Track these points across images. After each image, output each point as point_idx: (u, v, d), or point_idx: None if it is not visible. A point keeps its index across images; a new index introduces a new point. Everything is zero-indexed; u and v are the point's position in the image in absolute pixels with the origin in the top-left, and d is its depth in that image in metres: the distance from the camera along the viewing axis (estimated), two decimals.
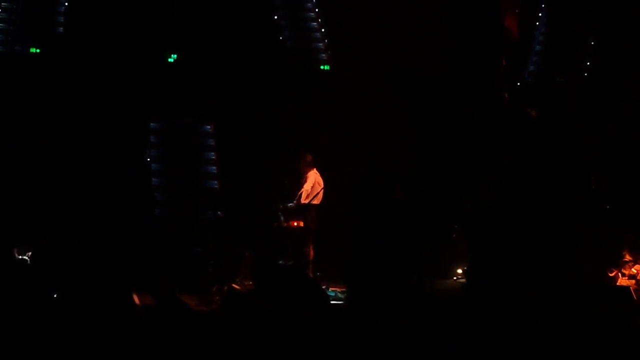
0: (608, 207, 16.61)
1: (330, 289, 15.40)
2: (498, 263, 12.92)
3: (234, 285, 14.46)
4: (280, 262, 16.38)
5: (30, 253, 15.62)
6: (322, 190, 16.71)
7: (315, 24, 21.65)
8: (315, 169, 16.98)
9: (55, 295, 13.23)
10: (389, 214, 13.81)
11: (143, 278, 14.80)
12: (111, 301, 12.76)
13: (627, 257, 15.19)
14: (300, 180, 16.96)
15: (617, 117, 19.96)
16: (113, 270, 14.35)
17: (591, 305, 12.84)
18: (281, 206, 16.91)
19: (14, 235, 16.11)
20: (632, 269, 15.11)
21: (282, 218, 16.83)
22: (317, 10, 21.84)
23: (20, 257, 15.49)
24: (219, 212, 16.57)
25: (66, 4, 20.49)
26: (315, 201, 16.72)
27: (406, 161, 14.24)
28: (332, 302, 14.25)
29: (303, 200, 16.64)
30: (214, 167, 19.71)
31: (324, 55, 21.40)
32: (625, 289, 14.04)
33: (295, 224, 16.59)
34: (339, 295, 15.12)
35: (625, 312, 13.07)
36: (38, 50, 19.77)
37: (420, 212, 13.52)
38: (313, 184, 16.77)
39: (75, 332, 10.96)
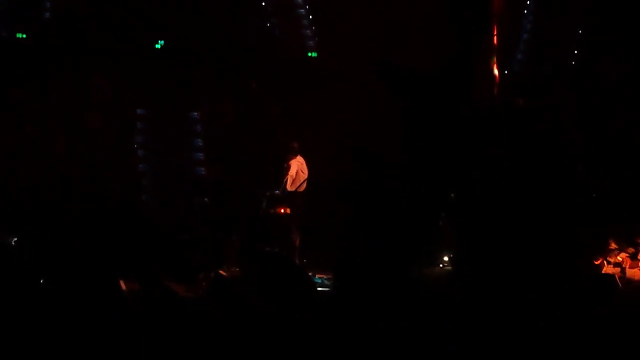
0: (594, 195, 16.65)
1: (317, 276, 15.41)
2: (483, 251, 12.95)
3: (220, 271, 14.46)
4: (267, 249, 16.38)
5: (15, 239, 15.57)
6: (306, 180, 16.74)
7: (302, 10, 21.64)
8: (300, 157, 16.98)
9: (41, 281, 13.20)
10: (376, 203, 13.81)
11: (130, 264, 14.77)
12: (98, 288, 12.73)
13: (613, 246, 15.24)
14: (284, 167, 16.97)
15: (604, 107, 20.02)
16: (100, 257, 14.32)
17: (577, 293, 12.88)
18: (267, 193, 16.91)
19: None
20: (618, 257, 15.16)
21: (267, 205, 16.82)
22: None
23: (5, 243, 15.44)
24: (205, 199, 16.56)
25: None
26: (301, 189, 16.74)
27: (395, 150, 14.25)
28: (318, 289, 14.26)
29: (288, 188, 16.66)
30: (201, 154, 19.71)
31: (311, 42, 21.40)
32: (611, 276, 14.09)
33: (282, 211, 16.60)
34: (325, 282, 15.14)
35: (610, 300, 13.12)
36: (24, 36, 19.70)
37: (407, 201, 13.53)
38: (297, 171, 16.78)
39: (62, 318, 10.94)
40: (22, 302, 11.59)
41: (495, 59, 13.45)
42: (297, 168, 16.81)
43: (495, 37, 13.40)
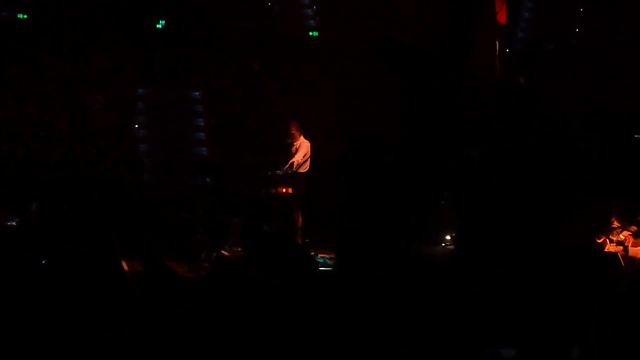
0: (597, 174, 16.62)
1: (319, 255, 15.41)
2: (486, 230, 12.93)
3: (222, 251, 14.45)
4: (269, 228, 16.37)
5: (17, 219, 15.57)
6: (309, 159, 16.69)
7: None
8: (303, 137, 16.91)
9: (43, 262, 13.21)
10: (377, 180, 13.79)
11: (132, 244, 14.79)
12: (100, 267, 12.74)
13: (615, 224, 15.18)
14: (290, 147, 16.88)
15: (606, 84, 20.00)
16: (102, 237, 14.33)
17: (579, 272, 12.87)
18: (269, 173, 16.86)
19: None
20: (620, 236, 15.10)
21: (269, 185, 16.77)
22: None
23: (7, 223, 15.46)
24: (207, 179, 16.52)
25: None
26: (303, 169, 16.68)
27: (395, 128, 14.23)
28: (320, 268, 14.25)
29: (294, 169, 16.61)
30: (202, 134, 19.70)
31: (312, 21, 21.37)
32: (613, 255, 14.06)
33: (284, 190, 16.55)
34: (328, 261, 15.13)
35: (613, 279, 13.10)
36: (25, 16, 19.70)
37: (408, 179, 13.50)
38: (305, 153, 16.67)
39: (64, 299, 10.95)
40: (24, 283, 11.60)
41: (496, 37, 13.42)
42: (306, 151, 16.69)
43: (497, 15, 13.36)
